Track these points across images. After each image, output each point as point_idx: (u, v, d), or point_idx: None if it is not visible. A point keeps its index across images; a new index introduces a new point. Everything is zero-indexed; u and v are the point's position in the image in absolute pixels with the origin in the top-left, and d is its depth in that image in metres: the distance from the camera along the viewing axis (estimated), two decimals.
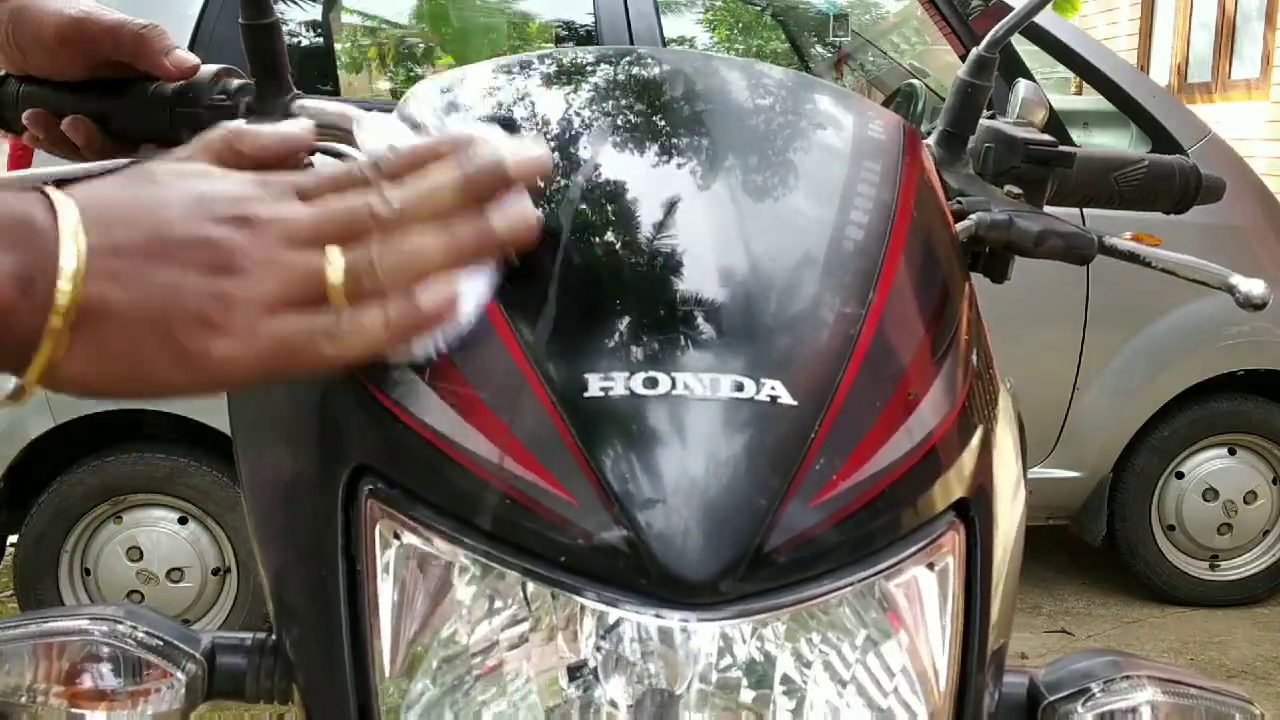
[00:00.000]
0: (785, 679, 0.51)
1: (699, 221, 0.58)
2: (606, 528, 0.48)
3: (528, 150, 0.54)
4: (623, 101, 0.68)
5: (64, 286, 0.46)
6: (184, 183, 0.50)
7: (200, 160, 0.54)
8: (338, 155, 0.67)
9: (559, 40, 4.65)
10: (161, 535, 2.84)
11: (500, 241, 0.54)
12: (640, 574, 0.48)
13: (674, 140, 0.64)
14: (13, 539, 2.89)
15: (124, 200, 0.49)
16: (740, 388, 0.50)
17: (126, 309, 0.47)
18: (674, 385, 0.50)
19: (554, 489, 0.49)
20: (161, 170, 0.51)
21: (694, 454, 0.49)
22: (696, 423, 0.50)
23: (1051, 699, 0.64)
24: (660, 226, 0.58)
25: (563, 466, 0.49)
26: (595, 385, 0.50)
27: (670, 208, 0.59)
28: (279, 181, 0.52)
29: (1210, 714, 0.64)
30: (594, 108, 0.67)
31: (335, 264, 0.50)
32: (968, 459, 0.56)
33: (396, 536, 0.53)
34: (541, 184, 0.57)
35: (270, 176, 0.52)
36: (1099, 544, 3.34)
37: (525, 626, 0.50)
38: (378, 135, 0.66)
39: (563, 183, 0.59)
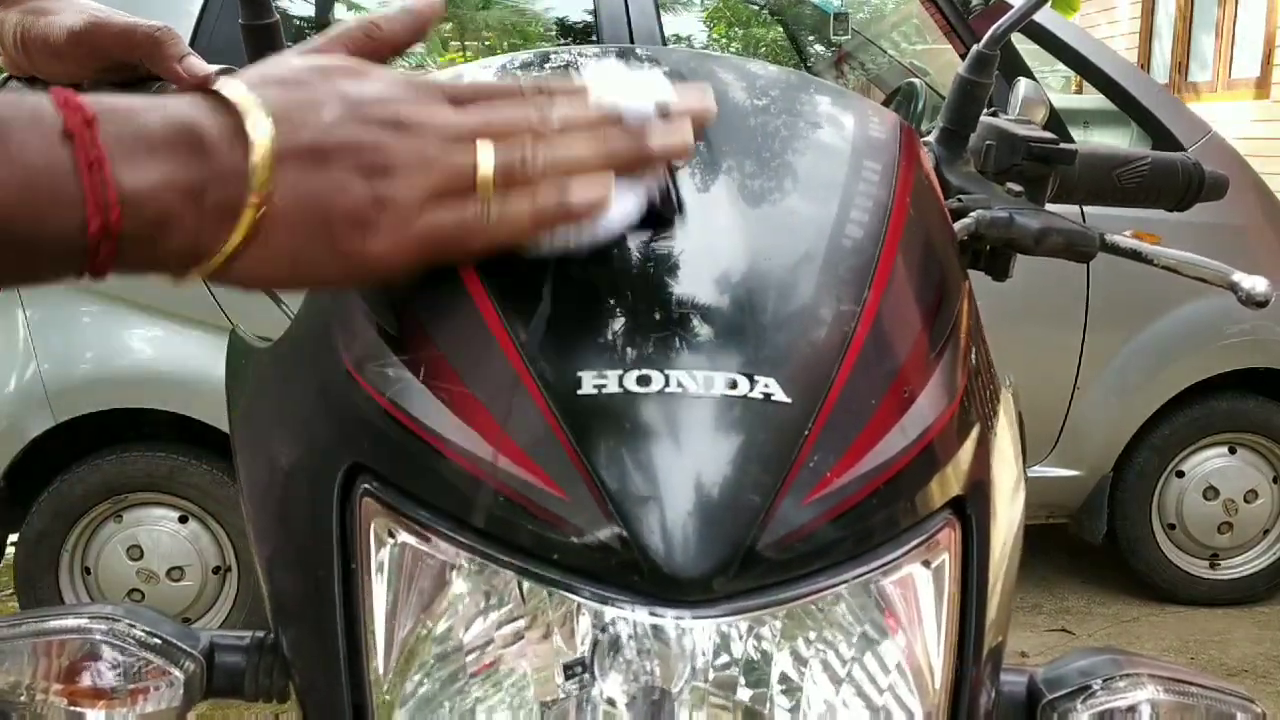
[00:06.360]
0: (781, 677, 0.50)
1: (693, 219, 0.58)
2: (599, 525, 0.48)
3: (691, 98, 0.55)
4: None
5: (252, 199, 0.47)
6: (331, 84, 0.50)
7: (337, 52, 0.54)
8: None
9: (559, 38, 4.65)
10: (162, 534, 2.84)
11: (655, 156, 0.54)
12: (633, 571, 0.47)
13: None
14: (13, 538, 2.88)
15: (296, 100, 0.49)
16: (734, 385, 0.50)
17: (292, 211, 0.48)
18: (668, 383, 0.50)
19: (547, 487, 0.49)
20: (305, 67, 0.51)
21: (687, 451, 0.49)
22: (690, 420, 0.49)
23: (1051, 697, 0.64)
24: None
25: (556, 464, 0.49)
26: (589, 383, 0.50)
27: None
28: (428, 85, 0.52)
29: (1211, 712, 0.64)
30: None
31: (486, 158, 0.50)
32: (964, 456, 0.56)
33: (391, 534, 0.52)
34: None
35: (418, 79, 0.52)
36: (1099, 543, 3.34)
37: (520, 624, 0.50)
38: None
39: None
